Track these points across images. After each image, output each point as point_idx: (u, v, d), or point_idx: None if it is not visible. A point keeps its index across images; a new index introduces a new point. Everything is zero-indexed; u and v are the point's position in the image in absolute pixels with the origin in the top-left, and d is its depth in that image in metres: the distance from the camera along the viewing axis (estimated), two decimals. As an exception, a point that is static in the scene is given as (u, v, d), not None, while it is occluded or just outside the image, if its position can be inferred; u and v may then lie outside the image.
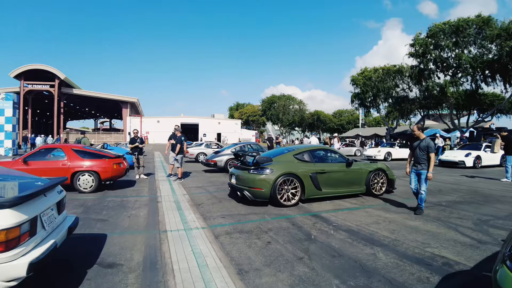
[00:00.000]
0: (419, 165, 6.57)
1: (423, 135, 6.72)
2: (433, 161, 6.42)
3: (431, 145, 6.51)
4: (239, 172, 7.45)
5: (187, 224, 5.90)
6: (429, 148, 6.45)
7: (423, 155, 6.52)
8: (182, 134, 11.72)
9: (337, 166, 7.91)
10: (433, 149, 6.48)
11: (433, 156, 6.43)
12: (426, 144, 6.48)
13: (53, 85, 52.17)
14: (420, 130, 6.77)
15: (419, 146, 6.57)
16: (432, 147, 6.47)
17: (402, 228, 5.49)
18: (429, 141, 6.54)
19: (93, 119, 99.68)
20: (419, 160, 6.58)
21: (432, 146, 6.50)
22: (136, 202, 7.91)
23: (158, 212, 6.87)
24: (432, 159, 6.41)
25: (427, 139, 6.57)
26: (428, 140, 6.55)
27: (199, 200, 8.04)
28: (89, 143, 12.90)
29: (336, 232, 5.29)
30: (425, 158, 6.51)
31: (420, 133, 6.72)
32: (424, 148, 6.50)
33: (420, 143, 6.58)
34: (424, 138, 6.63)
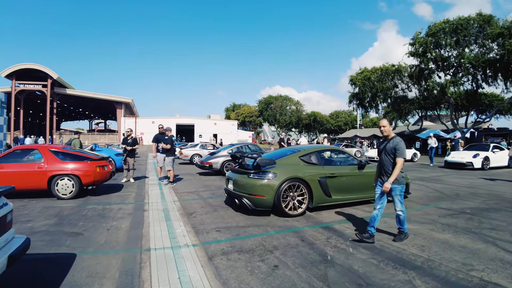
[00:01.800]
0: (386, 176, 4.72)
1: (392, 133, 4.92)
2: (398, 169, 4.55)
3: (400, 146, 4.64)
4: (237, 177, 6.52)
5: (175, 239, 4.97)
6: (397, 150, 4.62)
7: (390, 161, 4.71)
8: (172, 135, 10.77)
9: (348, 169, 7.02)
10: (403, 152, 4.61)
11: (401, 163, 4.58)
12: (394, 145, 4.66)
13: (46, 85, 50.89)
14: (391, 125, 4.94)
15: (385, 149, 4.78)
16: (401, 150, 4.61)
17: (432, 243, 4.60)
18: (399, 141, 4.69)
19: (87, 120, 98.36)
20: (385, 168, 4.75)
21: (402, 148, 4.63)
22: (119, 211, 6.97)
23: (143, 224, 5.93)
24: (399, 166, 4.56)
25: (396, 138, 4.75)
26: (398, 140, 4.71)
27: (191, 208, 7.10)
28: (79, 144, 11.89)
29: (355, 250, 4.38)
30: (394, 165, 4.68)
31: (390, 130, 4.84)
32: (391, 150, 4.69)
33: (387, 144, 4.78)
34: (392, 137, 4.81)
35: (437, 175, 13.41)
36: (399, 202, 4.65)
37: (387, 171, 4.71)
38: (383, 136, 4.86)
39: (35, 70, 49.44)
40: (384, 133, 4.81)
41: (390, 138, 4.80)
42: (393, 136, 4.79)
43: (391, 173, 4.61)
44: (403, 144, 4.67)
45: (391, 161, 4.68)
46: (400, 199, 4.65)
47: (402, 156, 4.59)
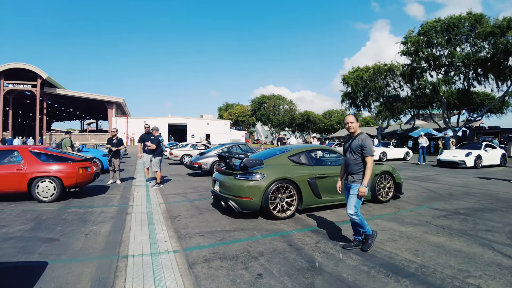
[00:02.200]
0: (351, 176, 4.32)
1: (359, 129, 4.45)
2: (370, 169, 4.17)
3: (367, 143, 4.21)
4: (223, 178, 6.24)
5: (155, 245, 4.69)
6: (364, 148, 4.19)
7: (355, 160, 4.28)
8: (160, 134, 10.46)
9: (339, 169, 6.76)
10: (371, 150, 4.20)
11: (371, 162, 4.19)
12: (360, 143, 4.23)
13: (35, 84, 50.11)
14: (357, 121, 4.45)
15: (350, 147, 4.36)
16: (368, 147, 4.19)
17: (426, 248, 4.36)
18: (365, 137, 4.28)
19: (79, 120, 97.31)
20: (350, 168, 4.33)
21: (369, 145, 4.21)
22: (101, 214, 6.65)
23: (124, 228, 5.64)
24: (369, 166, 4.16)
25: (362, 135, 4.32)
26: (364, 137, 4.29)
27: (176, 211, 6.81)
28: (70, 143, 11.49)
29: (345, 255, 4.13)
30: (360, 165, 4.27)
31: (357, 127, 4.40)
32: (357, 149, 4.26)
33: (353, 141, 4.36)
34: (358, 134, 4.37)
35: (430, 174, 13.26)
36: (355, 203, 4.21)
37: (352, 171, 4.29)
38: (349, 133, 4.46)
39: (24, 70, 48.64)
40: (351, 129, 4.39)
41: (356, 135, 4.39)
42: (359, 133, 4.38)
43: (356, 173, 4.24)
44: (369, 141, 4.27)
45: (356, 160, 4.27)
46: (357, 200, 4.22)
47: (370, 154, 4.19)
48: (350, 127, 4.38)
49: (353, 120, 4.36)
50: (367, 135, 4.36)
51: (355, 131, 4.39)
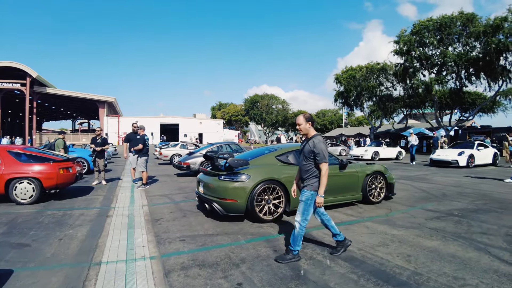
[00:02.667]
0: (303, 182, 3.96)
1: (312, 131, 3.97)
2: (325, 177, 3.75)
3: (320, 148, 3.74)
4: (207, 179, 5.94)
5: (132, 251, 4.39)
6: (316, 155, 3.75)
7: (306, 166, 3.90)
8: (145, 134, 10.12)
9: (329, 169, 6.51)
10: (324, 155, 3.74)
11: (326, 169, 3.75)
12: (312, 148, 3.79)
13: (25, 83, 49.13)
14: (309, 122, 3.95)
15: (302, 151, 3.98)
16: (321, 153, 3.73)
17: (419, 253, 4.11)
18: (317, 142, 3.79)
19: (70, 120, 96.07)
20: (302, 173, 3.99)
21: (322, 150, 3.74)
22: (80, 217, 6.32)
23: (102, 232, 5.32)
24: (324, 173, 3.74)
25: (315, 138, 3.84)
26: (317, 140, 3.81)
27: (158, 214, 6.49)
28: (63, 144, 11.09)
29: (333, 262, 3.86)
30: (311, 171, 3.87)
31: (307, 128, 3.94)
32: (308, 154, 3.85)
33: (305, 145, 3.95)
34: (311, 137, 3.91)
35: (423, 174, 13.09)
36: (302, 211, 3.86)
37: (303, 176, 3.94)
38: (303, 135, 4.07)
39: (13, 68, 47.67)
40: (301, 131, 4.00)
41: (309, 137, 3.94)
42: (312, 136, 3.91)
43: (307, 179, 3.88)
44: (323, 145, 3.78)
45: (308, 166, 3.87)
46: (305, 208, 3.85)
47: (324, 161, 3.73)
48: (299, 129, 4.01)
49: (301, 122, 3.95)
50: (321, 138, 3.91)
51: (307, 134, 3.97)
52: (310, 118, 3.97)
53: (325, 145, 3.85)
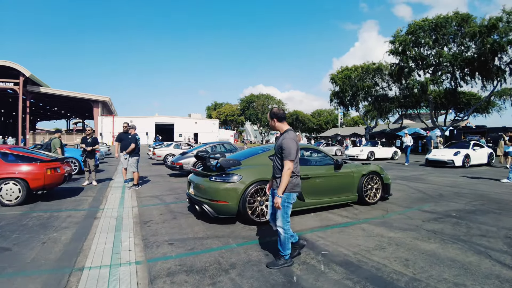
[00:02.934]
0: (275, 181, 3.73)
1: (284, 126, 3.71)
2: (286, 176, 3.44)
3: (287, 145, 3.47)
4: (198, 180, 5.74)
5: (117, 255, 4.17)
6: (283, 150, 3.50)
7: (278, 163, 3.68)
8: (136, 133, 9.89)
9: (324, 169, 6.33)
10: (290, 152, 3.45)
11: (289, 167, 3.44)
12: (280, 144, 3.56)
13: (18, 82, 48.60)
14: (273, 118, 3.71)
15: (275, 148, 3.78)
16: (287, 149, 3.46)
17: (417, 257, 3.94)
18: (287, 137, 3.52)
19: (65, 119, 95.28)
20: (274, 171, 3.78)
21: (288, 147, 3.46)
22: (66, 219, 6.09)
23: (88, 235, 5.10)
24: (285, 172, 3.44)
25: (287, 134, 3.59)
26: (287, 136, 3.55)
27: (148, 216, 6.28)
28: (59, 144, 10.83)
29: (328, 267, 3.67)
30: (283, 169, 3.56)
31: (278, 125, 3.72)
32: (278, 150, 3.64)
33: (277, 142, 3.77)
34: (284, 132, 3.67)
35: (419, 174, 12.96)
36: (281, 215, 3.59)
37: (275, 175, 3.71)
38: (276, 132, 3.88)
39: (6, 67, 47.08)
40: (274, 129, 3.82)
41: (282, 133, 3.71)
42: (284, 131, 3.68)
43: (279, 176, 3.60)
44: (291, 142, 3.48)
45: (279, 163, 3.65)
46: (283, 211, 3.58)
47: (289, 158, 3.45)
48: (270, 126, 3.85)
49: (268, 120, 3.80)
50: (292, 134, 3.60)
51: (280, 130, 3.75)
52: (274, 114, 3.71)
53: (295, 142, 3.53)
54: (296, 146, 3.53)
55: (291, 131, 3.66)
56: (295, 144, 3.53)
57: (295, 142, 3.54)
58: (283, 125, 3.72)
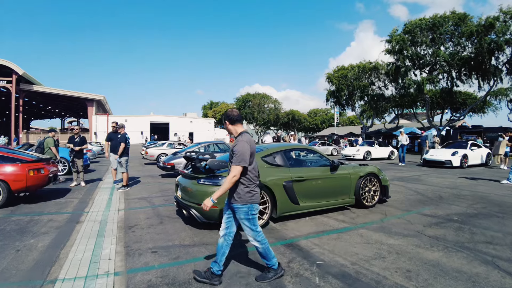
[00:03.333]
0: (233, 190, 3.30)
1: (239, 128, 3.36)
2: (228, 183, 3.12)
3: (237, 148, 3.15)
4: (186, 182, 5.40)
5: (96, 264, 3.84)
6: (234, 154, 3.17)
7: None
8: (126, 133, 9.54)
9: (319, 171, 6.02)
10: (240, 157, 3.10)
11: (234, 174, 3.11)
12: (232, 148, 3.26)
13: (10, 81, 47.98)
14: (230, 121, 3.35)
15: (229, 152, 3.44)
16: (238, 154, 3.12)
17: (420, 267, 3.63)
18: (239, 141, 3.20)
19: (59, 118, 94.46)
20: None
21: (240, 151, 3.12)
22: (47, 223, 5.75)
23: (68, 241, 4.76)
24: (229, 178, 3.12)
25: (241, 136, 3.28)
26: (241, 138, 3.24)
27: (134, 220, 5.93)
28: (53, 143, 10.42)
29: (323, 279, 3.36)
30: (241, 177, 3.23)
31: (232, 127, 3.38)
32: (230, 154, 3.31)
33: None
34: (238, 135, 3.34)
35: (417, 175, 12.69)
36: (249, 229, 3.26)
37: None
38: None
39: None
40: (228, 131, 3.46)
41: (236, 136, 3.37)
42: (239, 134, 3.33)
43: (236, 187, 3.22)
44: (244, 146, 3.14)
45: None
46: (250, 224, 3.24)
47: (238, 164, 3.10)
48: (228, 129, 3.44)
49: (223, 121, 3.45)
50: (246, 137, 3.25)
51: (233, 133, 3.40)
52: (226, 115, 3.38)
53: (249, 145, 3.17)
54: (250, 151, 3.17)
55: (246, 133, 3.33)
56: (249, 148, 3.17)
57: (249, 145, 3.18)
58: (237, 127, 3.36)
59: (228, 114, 3.37)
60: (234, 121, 3.35)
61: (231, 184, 3.13)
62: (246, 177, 3.22)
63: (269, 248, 3.34)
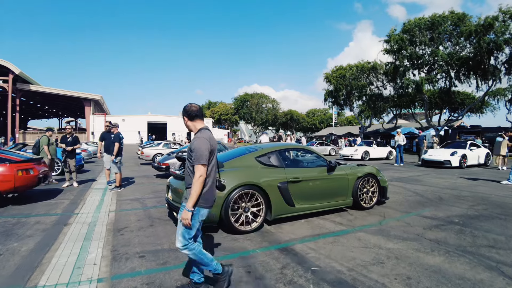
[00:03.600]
0: (186, 191, 3.08)
1: (198, 124, 3.06)
2: (197, 185, 2.78)
3: (195, 146, 2.85)
4: (177, 184, 5.20)
5: (79, 270, 3.64)
6: (192, 153, 2.89)
7: (189, 169, 3.00)
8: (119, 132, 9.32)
9: (316, 171, 5.82)
10: (199, 156, 2.80)
11: (200, 174, 2.78)
12: (190, 146, 2.95)
13: (7, 80, 47.73)
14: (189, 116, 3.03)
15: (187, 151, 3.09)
16: (197, 152, 2.82)
17: (420, 274, 3.44)
18: (198, 138, 2.91)
19: (57, 118, 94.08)
20: (185, 179, 3.11)
21: (198, 149, 2.82)
22: (34, 226, 5.54)
23: (53, 244, 4.56)
24: (196, 179, 2.79)
25: (200, 132, 2.98)
26: (199, 135, 2.95)
27: (124, 222, 5.73)
28: (46, 141, 10.12)
29: (317, 287, 3.17)
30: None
31: (191, 123, 3.07)
32: (188, 154, 3.00)
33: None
34: (197, 131, 3.04)
35: (415, 175, 12.51)
36: (181, 235, 2.88)
37: (187, 185, 3.05)
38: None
39: (-5, 65, 46.23)
40: (188, 128, 3.14)
41: (195, 133, 3.07)
42: (198, 130, 3.03)
43: (190, 186, 2.92)
44: (202, 142, 2.85)
45: (190, 170, 2.97)
46: (184, 231, 2.87)
47: (200, 162, 2.79)
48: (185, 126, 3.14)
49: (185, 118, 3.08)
50: (206, 134, 2.96)
51: (193, 130, 3.09)
52: (184, 111, 3.07)
53: (208, 142, 2.88)
54: (210, 147, 2.89)
55: (205, 130, 3.02)
56: (208, 144, 2.88)
57: (208, 142, 2.89)
58: (196, 123, 3.06)
59: (187, 110, 3.04)
60: (193, 117, 3.04)
61: (201, 185, 2.80)
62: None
63: (201, 252, 2.97)
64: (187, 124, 3.08)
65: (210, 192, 2.97)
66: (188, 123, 3.07)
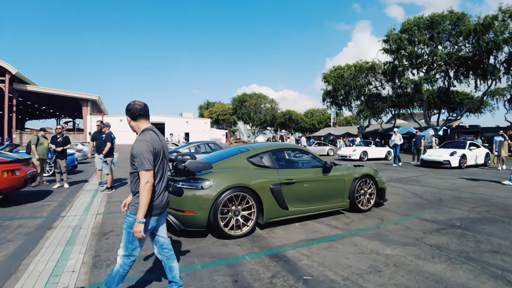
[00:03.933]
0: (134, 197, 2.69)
1: (142, 125, 2.74)
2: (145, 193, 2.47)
3: (136, 148, 2.56)
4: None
5: (56, 278, 3.40)
6: (134, 158, 2.59)
7: (134, 174, 2.67)
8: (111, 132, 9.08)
9: (311, 172, 5.58)
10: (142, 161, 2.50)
11: (146, 180, 2.48)
12: (132, 149, 2.63)
13: (3, 80, 47.40)
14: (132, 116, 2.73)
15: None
16: (138, 156, 2.54)
17: (421, 283, 3.19)
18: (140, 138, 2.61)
19: (55, 118, 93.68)
20: (131, 187, 2.73)
21: (139, 152, 2.53)
22: (16, 229, 5.29)
23: (33, 249, 4.32)
24: (143, 186, 2.48)
25: (141, 135, 2.67)
26: (140, 137, 2.64)
27: (110, 226, 5.48)
28: (35, 141, 9.77)
29: (310, 299, 2.92)
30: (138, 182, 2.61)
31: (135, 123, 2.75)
32: (131, 157, 2.64)
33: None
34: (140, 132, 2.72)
35: (414, 175, 12.28)
36: (124, 244, 2.64)
37: (132, 190, 2.72)
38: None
39: (-9, 65, 45.91)
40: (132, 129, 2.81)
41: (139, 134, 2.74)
42: (141, 131, 2.72)
43: (135, 195, 2.65)
44: (143, 145, 2.55)
45: (134, 176, 2.67)
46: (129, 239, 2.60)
47: (143, 168, 2.50)
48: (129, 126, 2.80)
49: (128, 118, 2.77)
50: (149, 136, 2.64)
51: (137, 130, 2.77)
52: (127, 110, 2.74)
53: (150, 144, 2.57)
54: (153, 150, 2.58)
55: (148, 131, 2.69)
56: (150, 147, 2.57)
57: (150, 144, 2.58)
58: (140, 123, 2.74)
59: (130, 108, 2.71)
60: (136, 116, 2.72)
61: (148, 192, 2.48)
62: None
63: (123, 277, 2.71)
64: (130, 124, 2.74)
65: (160, 199, 2.70)
66: (131, 123, 2.74)
